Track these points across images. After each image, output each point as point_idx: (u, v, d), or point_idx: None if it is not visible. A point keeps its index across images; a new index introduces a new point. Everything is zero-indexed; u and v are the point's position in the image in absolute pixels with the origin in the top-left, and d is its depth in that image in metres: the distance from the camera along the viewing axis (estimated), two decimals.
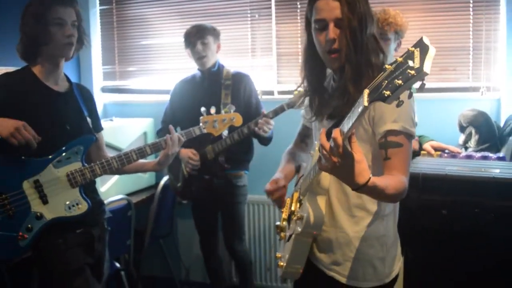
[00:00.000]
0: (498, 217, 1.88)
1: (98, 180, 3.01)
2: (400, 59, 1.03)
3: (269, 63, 3.43)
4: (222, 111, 2.69)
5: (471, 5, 2.96)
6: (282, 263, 1.66)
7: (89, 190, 2.11)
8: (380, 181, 1.30)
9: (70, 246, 2.00)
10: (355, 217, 1.55)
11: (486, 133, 2.60)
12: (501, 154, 2.39)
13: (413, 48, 1.02)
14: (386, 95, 1.02)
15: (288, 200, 1.73)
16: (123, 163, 2.10)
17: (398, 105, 1.04)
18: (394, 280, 1.61)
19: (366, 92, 1.09)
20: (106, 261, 2.21)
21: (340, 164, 1.21)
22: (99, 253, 2.13)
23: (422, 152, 2.58)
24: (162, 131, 3.01)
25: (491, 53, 2.97)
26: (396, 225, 1.63)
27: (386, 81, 1.04)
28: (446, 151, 2.53)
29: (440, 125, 2.91)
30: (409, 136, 1.45)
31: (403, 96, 1.03)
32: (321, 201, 1.53)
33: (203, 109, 2.25)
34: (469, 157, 2.38)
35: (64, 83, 2.10)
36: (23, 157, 1.94)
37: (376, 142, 1.47)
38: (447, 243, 1.95)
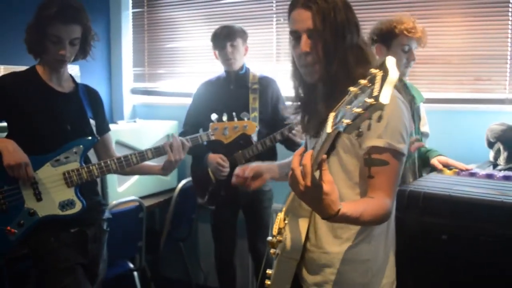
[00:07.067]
0: (506, 247, 1.67)
1: (115, 180, 3.11)
2: (364, 82, 0.92)
3: None
4: (250, 116, 2.64)
5: (510, 9, 2.70)
6: (268, 282, 1.58)
7: (88, 190, 2.12)
8: (353, 210, 1.21)
9: (62, 244, 2.01)
10: (340, 239, 1.44)
11: None
12: None
13: (376, 70, 0.89)
14: (345, 124, 0.90)
15: (279, 215, 1.65)
16: (122, 166, 2.10)
17: (358, 135, 0.92)
18: None
19: (331, 116, 0.98)
20: (102, 261, 2.22)
21: (308, 193, 1.12)
22: (94, 253, 2.14)
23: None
24: (183, 134, 2.92)
25: None
26: (390, 250, 1.50)
27: (349, 106, 0.92)
28: None
29: (471, 139, 2.70)
30: (396, 153, 1.31)
31: (365, 124, 0.90)
32: (303, 224, 1.44)
33: (214, 116, 2.15)
34: (489, 176, 2.15)
35: (69, 84, 2.13)
36: None
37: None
38: (445, 272, 1.77)
